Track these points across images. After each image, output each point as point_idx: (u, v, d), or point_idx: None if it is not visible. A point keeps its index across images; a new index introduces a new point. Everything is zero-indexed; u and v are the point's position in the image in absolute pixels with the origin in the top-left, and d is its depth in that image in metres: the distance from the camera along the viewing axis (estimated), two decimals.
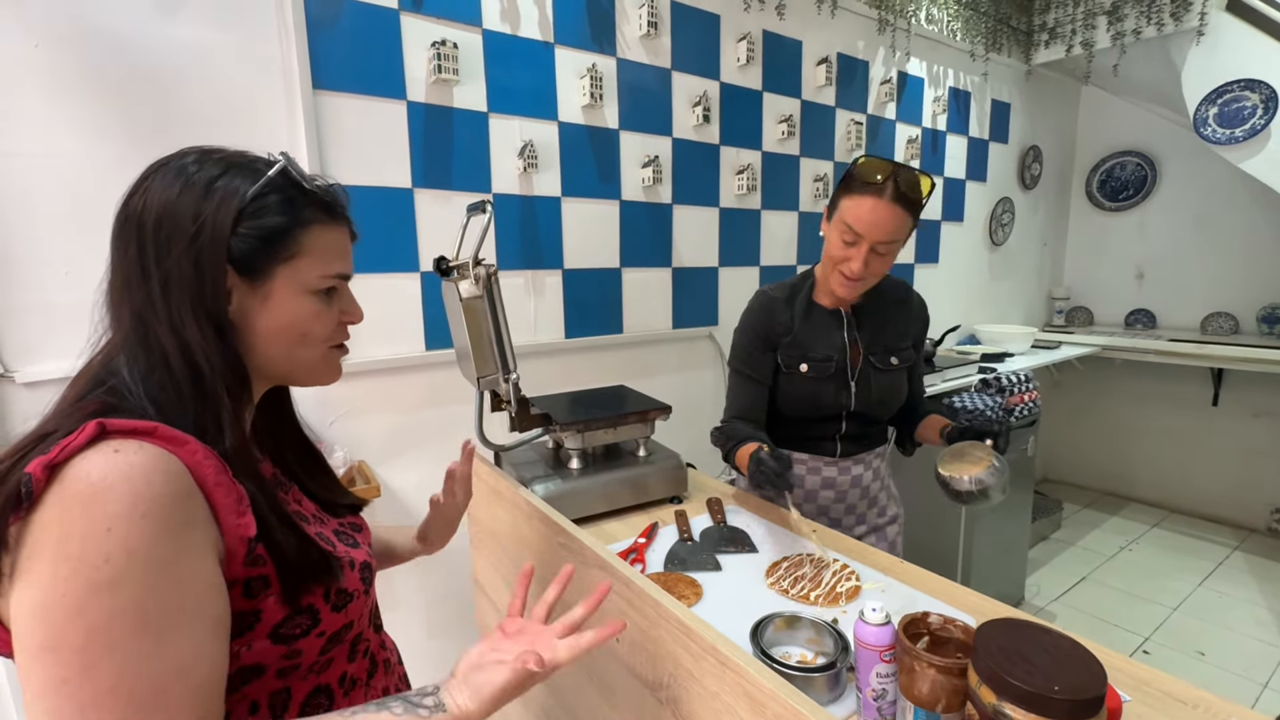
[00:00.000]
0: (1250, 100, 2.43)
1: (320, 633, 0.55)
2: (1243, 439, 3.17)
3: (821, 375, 1.23)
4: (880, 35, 2.40)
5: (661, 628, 0.73)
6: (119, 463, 0.42)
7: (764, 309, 1.26)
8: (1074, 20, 2.89)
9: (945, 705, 0.58)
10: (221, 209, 0.52)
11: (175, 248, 0.51)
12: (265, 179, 0.54)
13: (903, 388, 1.29)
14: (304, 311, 0.58)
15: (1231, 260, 3.14)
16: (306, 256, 0.57)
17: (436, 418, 1.58)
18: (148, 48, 1.17)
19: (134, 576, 0.42)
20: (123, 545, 0.41)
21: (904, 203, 1.06)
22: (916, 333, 1.31)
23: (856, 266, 1.09)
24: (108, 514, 0.41)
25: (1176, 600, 2.58)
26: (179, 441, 0.46)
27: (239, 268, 0.54)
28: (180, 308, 0.51)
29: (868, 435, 1.30)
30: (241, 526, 0.48)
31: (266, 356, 0.57)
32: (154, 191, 0.52)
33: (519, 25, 1.58)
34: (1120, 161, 3.46)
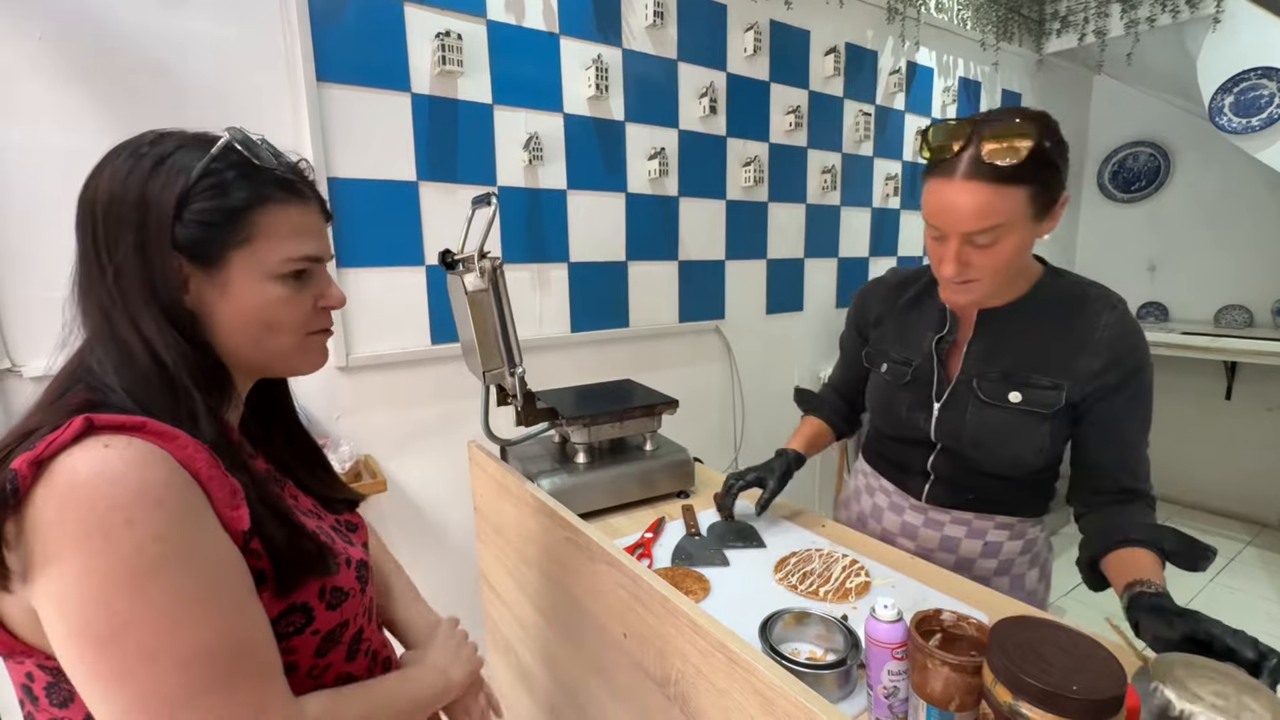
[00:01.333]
0: (1268, 88, 2.38)
1: (315, 631, 0.54)
2: (1256, 433, 3.13)
3: (897, 381, 1.00)
4: (889, 24, 2.36)
5: (669, 624, 0.72)
6: (112, 457, 0.42)
7: (867, 291, 1.12)
8: (1086, 8, 2.84)
9: (959, 704, 0.57)
10: (165, 191, 0.49)
11: (124, 237, 0.49)
12: (209, 156, 0.51)
13: (1023, 439, 0.90)
14: (268, 299, 0.53)
15: (1246, 252, 3.09)
16: (263, 239, 0.52)
17: (442, 412, 1.57)
18: (151, 41, 1.16)
19: (171, 557, 0.42)
20: (149, 533, 0.42)
21: (990, 174, 0.75)
22: (1093, 373, 0.86)
23: (949, 269, 0.82)
24: (120, 506, 0.41)
25: (1188, 596, 2.56)
26: (169, 436, 0.45)
27: (190, 254, 0.50)
28: (134, 300, 0.49)
29: (971, 486, 0.98)
30: (237, 519, 0.48)
31: (235, 348, 0.54)
32: (106, 177, 0.50)
33: (523, 16, 1.56)
34: (1133, 152, 3.41)
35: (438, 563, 1.62)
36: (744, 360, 2.17)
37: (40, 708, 0.48)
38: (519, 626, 1.22)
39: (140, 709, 0.41)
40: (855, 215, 2.42)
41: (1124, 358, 0.85)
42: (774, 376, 2.30)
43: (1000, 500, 0.98)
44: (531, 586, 1.13)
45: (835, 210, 2.35)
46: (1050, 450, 0.92)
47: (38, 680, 0.48)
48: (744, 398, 2.21)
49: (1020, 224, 0.78)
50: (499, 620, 1.35)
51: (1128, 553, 0.82)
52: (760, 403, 2.25)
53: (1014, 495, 0.98)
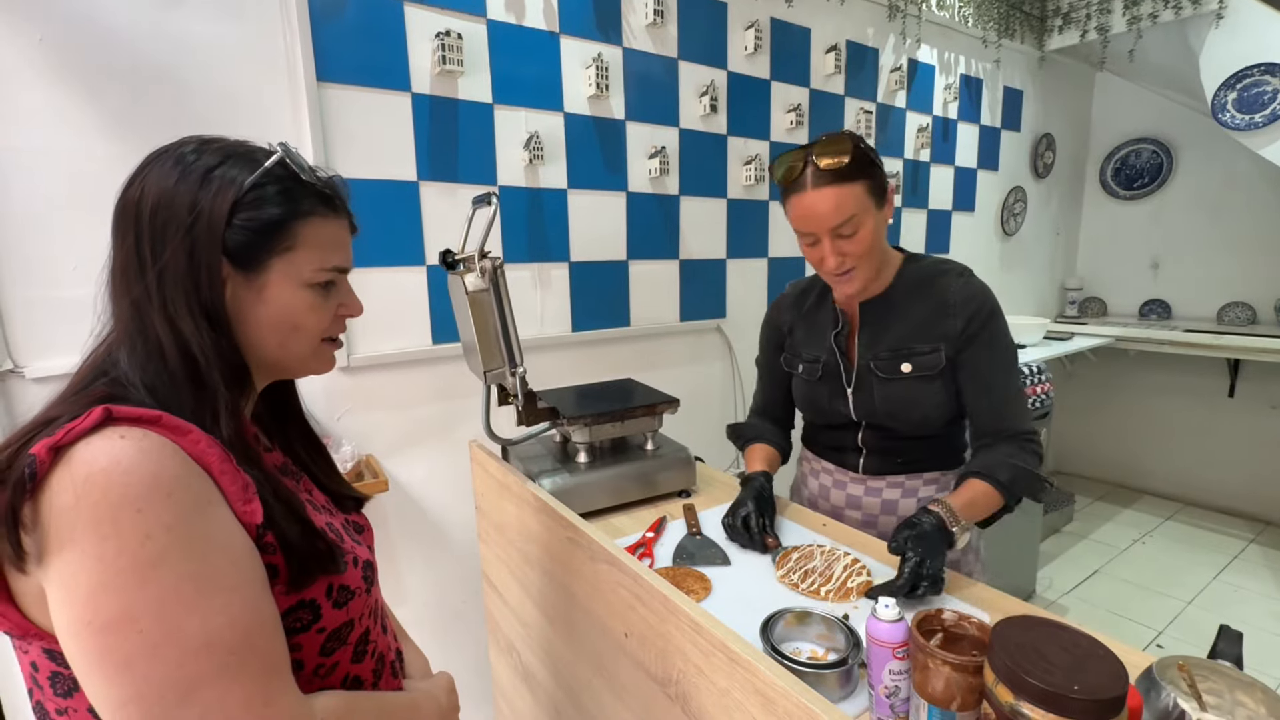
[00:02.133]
0: (1271, 85, 2.37)
1: (320, 628, 0.55)
2: (1260, 431, 3.12)
3: (812, 378, 1.16)
4: (890, 22, 2.36)
5: (670, 623, 0.72)
6: (128, 448, 0.43)
7: (775, 307, 1.27)
8: (1089, 5, 2.83)
9: (960, 703, 0.57)
10: (218, 199, 0.52)
11: (171, 238, 0.51)
12: (263, 169, 0.54)
13: (926, 400, 1.05)
14: (298, 305, 0.57)
15: (1249, 249, 3.08)
16: (303, 249, 0.56)
17: (443, 412, 1.57)
18: (151, 42, 1.16)
19: (179, 548, 0.43)
20: (158, 522, 0.42)
21: (831, 178, 0.94)
22: (958, 331, 1.02)
23: (831, 262, 0.99)
24: (132, 496, 0.42)
25: (1191, 594, 2.55)
26: (182, 431, 0.46)
27: (234, 259, 0.53)
28: (175, 299, 0.51)
29: (900, 452, 1.12)
30: (249, 514, 0.48)
31: (260, 347, 0.57)
32: (151, 180, 0.52)
33: (524, 15, 1.56)
34: (1135, 149, 3.40)
35: (440, 562, 1.62)
36: (746, 359, 2.17)
37: (46, 696, 0.49)
38: (521, 626, 1.23)
39: (139, 698, 0.41)
40: None
41: (975, 312, 1.02)
42: None
43: (923, 459, 1.12)
44: (533, 586, 1.13)
45: None
46: (948, 405, 1.07)
47: (41, 670, 0.48)
48: (745, 397, 2.20)
49: (867, 212, 0.97)
50: (501, 620, 1.35)
51: (965, 484, 0.99)
52: None
53: (933, 453, 1.13)
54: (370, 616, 0.62)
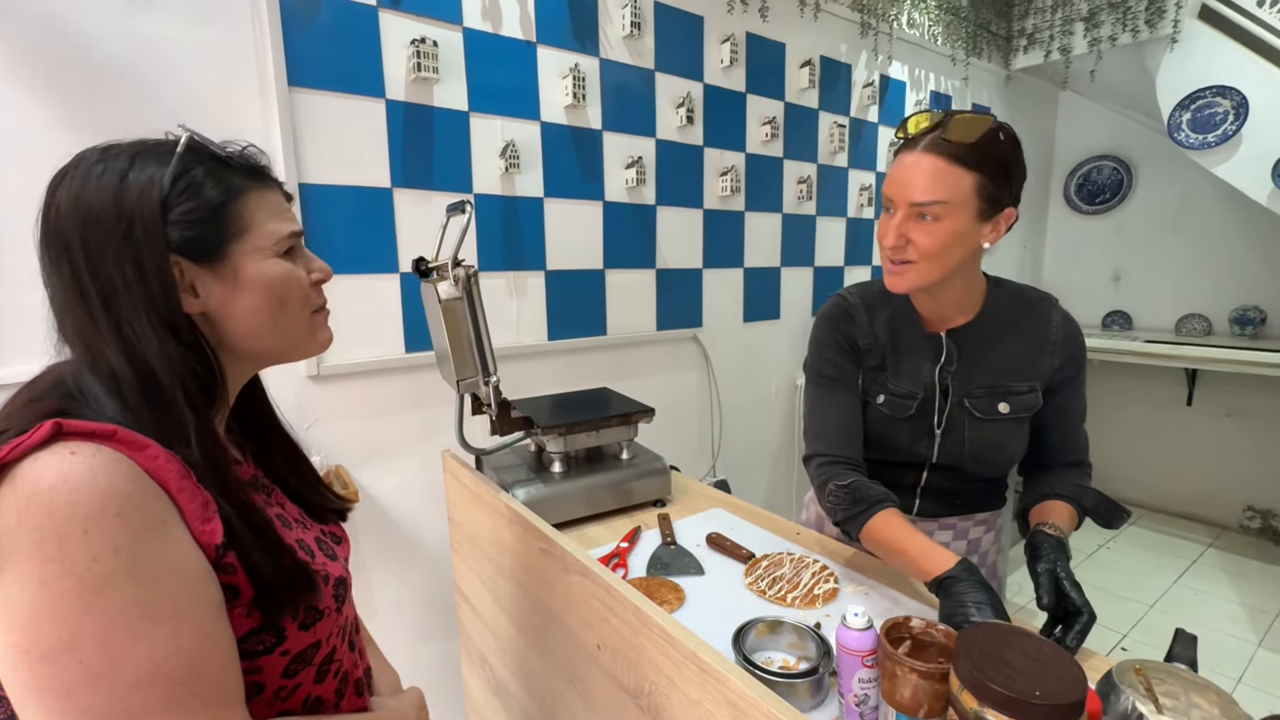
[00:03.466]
0: (1222, 106, 2.48)
1: (284, 651, 0.52)
2: (1216, 438, 3.23)
3: (899, 415, 0.97)
4: (863, 38, 2.41)
5: (643, 635, 0.72)
6: (77, 464, 0.41)
7: (840, 318, 1.02)
8: (1052, 26, 2.93)
9: (927, 711, 0.58)
10: (143, 199, 0.49)
11: (109, 253, 0.48)
12: (177, 158, 0.51)
13: (1013, 444, 0.96)
14: (277, 276, 0.55)
15: (1205, 263, 3.20)
16: (255, 227, 0.54)
17: (416, 421, 1.55)
18: (117, 42, 1.13)
19: (127, 571, 0.41)
20: (106, 544, 0.40)
21: (945, 150, 0.81)
22: (1054, 369, 0.94)
23: (890, 238, 0.86)
24: (78, 515, 0.40)
25: (1153, 597, 2.62)
26: (138, 446, 0.44)
27: (192, 255, 0.51)
28: (130, 317, 0.48)
29: (961, 493, 1.01)
30: (208, 533, 0.46)
31: (253, 337, 0.55)
32: (65, 203, 0.49)
33: (500, 24, 1.56)
34: (1097, 165, 3.52)
35: (411, 574, 1.59)
36: (721, 368, 2.19)
37: None
38: (493, 638, 1.21)
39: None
40: (830, 225, 2.46)
41: (1075, 352, 0.95)
42: (751, 384, 2.32)
43: (980, 499, 1.03)
44: (506, 598, 1.11)
45: (811, 220, 2.38)
46: (1026, 448, 0.99)
47: None
48: (721, 406, 2.22)
49: (963, 210, 0.83)
50: (473, 632, 1.33)
51: (1050, 504, 0.92)
52: (738, 410, 2.27)
53: (990, 493, 1.05)
54: (339, 635, 0.60)
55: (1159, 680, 0.57)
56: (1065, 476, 0.97)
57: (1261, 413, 3.07)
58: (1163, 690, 0.60)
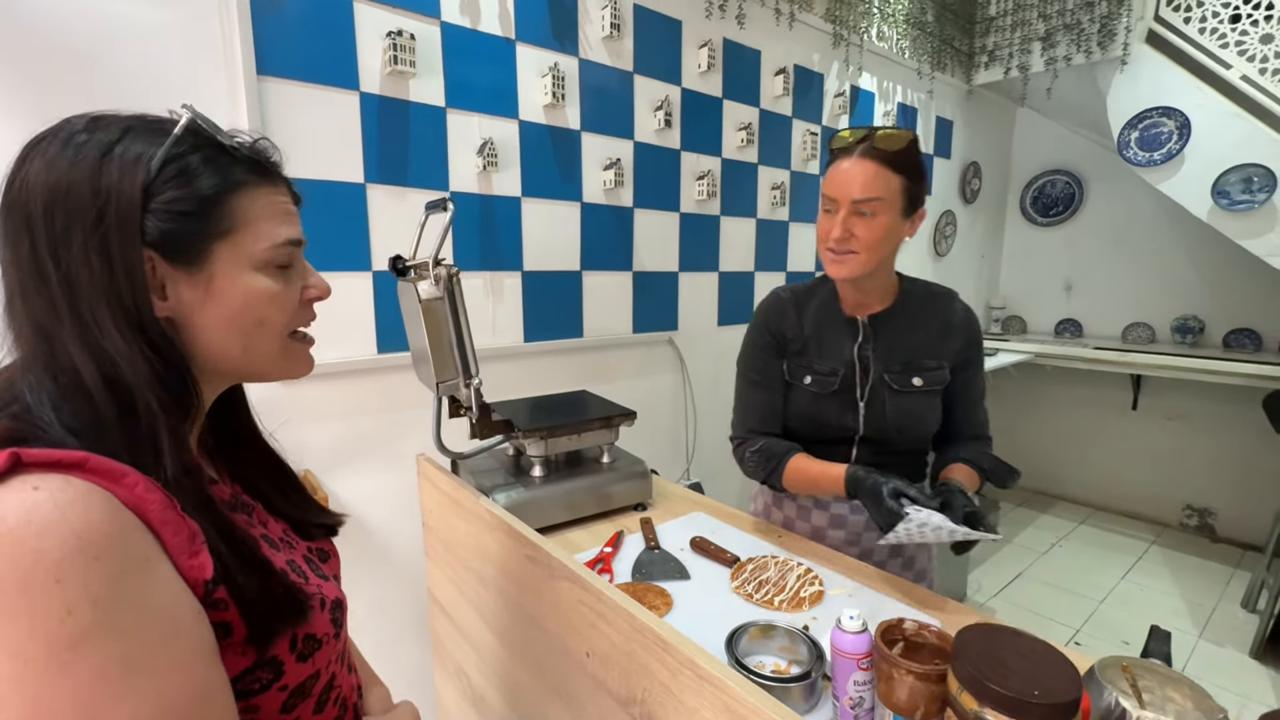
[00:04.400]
0: (1167, 126, 2.62)
1: (282, 686, 0.48)
2: (1158, 440, 3.41)
3: (824, 391, 1.10)
4: (835, 49, 2.46)
5: (636, 641, 0.71)
6: (42, 502, 0.35)
7: (772, 311, 1.17)
8: (1011, 44, 3.05)
9: (924, 712, 0.59)
10: (125, 180, 0.43)
11: (75, 237, 0.42)
12: (173, 138, 0.45)
13: (928, 415, 1.09)
14: (256, 293, 0.49)
15: (1149, 274, 3.38)
16: (246, 228, 0.48)
17: (388, 423, 1.51)
18: (71, 22, 1.07)
19: (107, 623, 0.36)
20: (83, 593, 0.35)
21: (877, 156, 0.96)
22: (957, 350, 1.09)
23: (836, 231, 0.99)
24: (48, 563, 0.34)
25: (1102, 594, 2.74)
26: (114, 475, 0.39)
27: (167, 252, 0.45)
28: (93, 311, 0.42)
29: (885, 466, 1.08)
30: (197, 568, 0.42)
31: (220, 354, 0.49)
32: (37, 172, 0.42)
33: (479, 19, 1.53)
34: (1051, 179, 3.68)
35: (382, 582, 1.54)
36: (696, 371, 2.19)
37: None
38: (471, 648, 1.18)
39: None
40: (803, 231, 2.49)
41: (974, 336, 1.11)
42: (725, 387, 2.32)
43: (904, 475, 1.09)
44: (486, 606, 1.09)
45: (784, 225, 2.41)
46: (940, 421, 1.13)
47: None
48: (696, 409, 2.22)
49: (893, 207, 0.99)
50: (449, 642, 1.30)
51: (953, 466, 1.09)
52: (712, 413, 2.27)
53: (913, 468, 1.17)
54: (338, 661, 0.56)
55: (1140, 676, 0.59)
56: (968, 447, 1.13)
57: (1199, 416, 3.25)
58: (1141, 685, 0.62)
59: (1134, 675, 0.58)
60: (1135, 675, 0.58)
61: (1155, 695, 0.64)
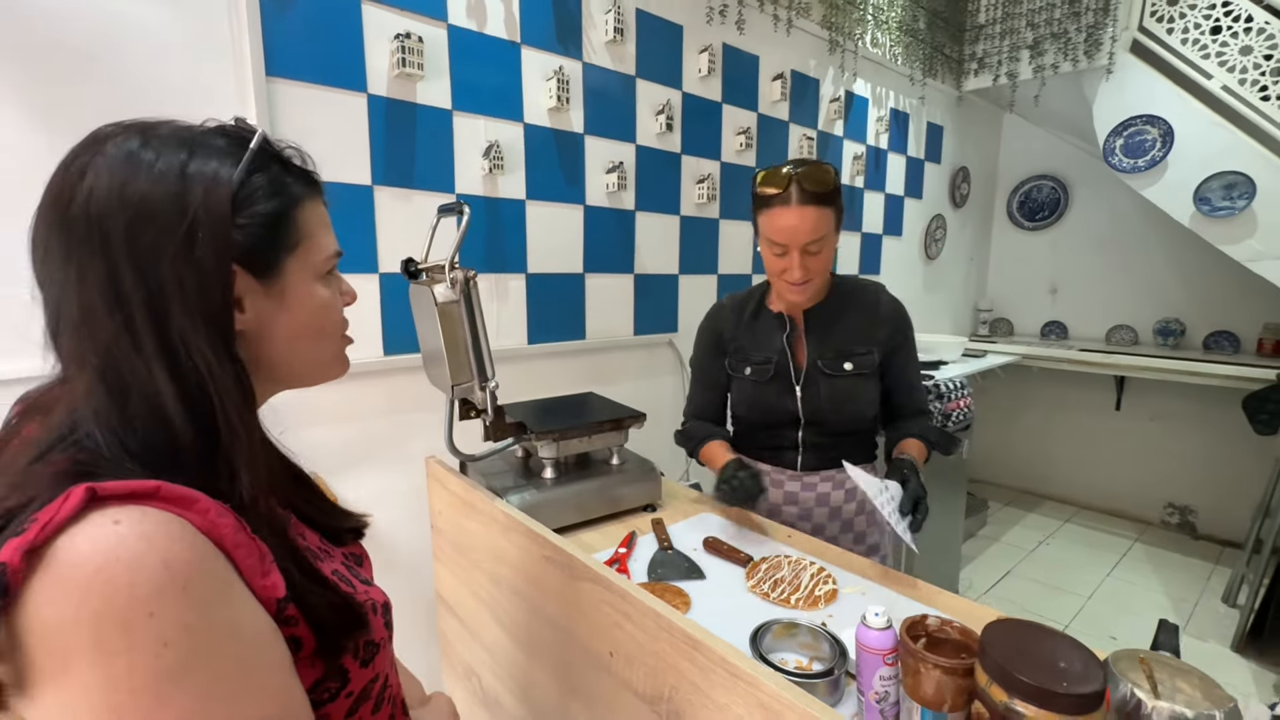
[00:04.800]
0: (1151, 134, 2.68)
1: (349, 693, 0.50)
2: (1140, 440, 3.49)
3: (763, 379, 1.24)
4: (831, 55, 2.49)
5: (663, 640, 0.72)
6: (127, 537, 0.35)
7: (714, 316, 1.35)
8: (1000, 52, 3.11)
9: (951, 705, 0.61)
10: (211, 199, 0.43)
11: (165, 253, 0.41)
12: (250, 153, 0.46)
13: (862, 396, 1.22)
14: (319, 303, 0.52)
15: (1132, 277, 3.46)
16: (309, 239, 0.51)
17: (395, 426, 1.50)
18: (76, 20, 1.05)
19: (203, 652, 0.36)
20: (177, 624, 0.35)
21: (813, 200, 1.07)
22: (885, 337, 1.22)
23: (796, 273, 1.11)
24: (141, 597, 0.34)
25: (1089, 590, 2.80)
26: (186, 502, 0.39)
27: (249, 266, 0.46)
28: (182, 328, 0.42)
29: (834, 447, 1.24)
30: (270, 587, 0.42)
31: (285, 363, 0.51)
32: (106, 188, 0.41)
33: (485, 22, 1.53)
34: (1037, 184, 3.75)
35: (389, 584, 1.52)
36: None
37: None
38: (483, 649, 1.18)
39: None
40: None
41: (900, 323, 1.24)
42: None
43: (851, 453, 1.25)
44: (500, 607, 1.09)
45: None
46: (875, 402, 1.25)
47: None
48: None
49: (833, 234, 1.12)
50: (458, 644, 1.30)
51: (904, 442, 1.22)
52: None
53: (860, 447, 1.29)
54: (388, 662, 0.57)
55: (1156, 668, 0.61)
56: (916, 422, 1.26)
57: (1181, 417, 3.33)
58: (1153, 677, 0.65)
59: (1150, 666, 0.60)
60: (1152, 666, 0.60)
61: (1165, 686, 0.67)
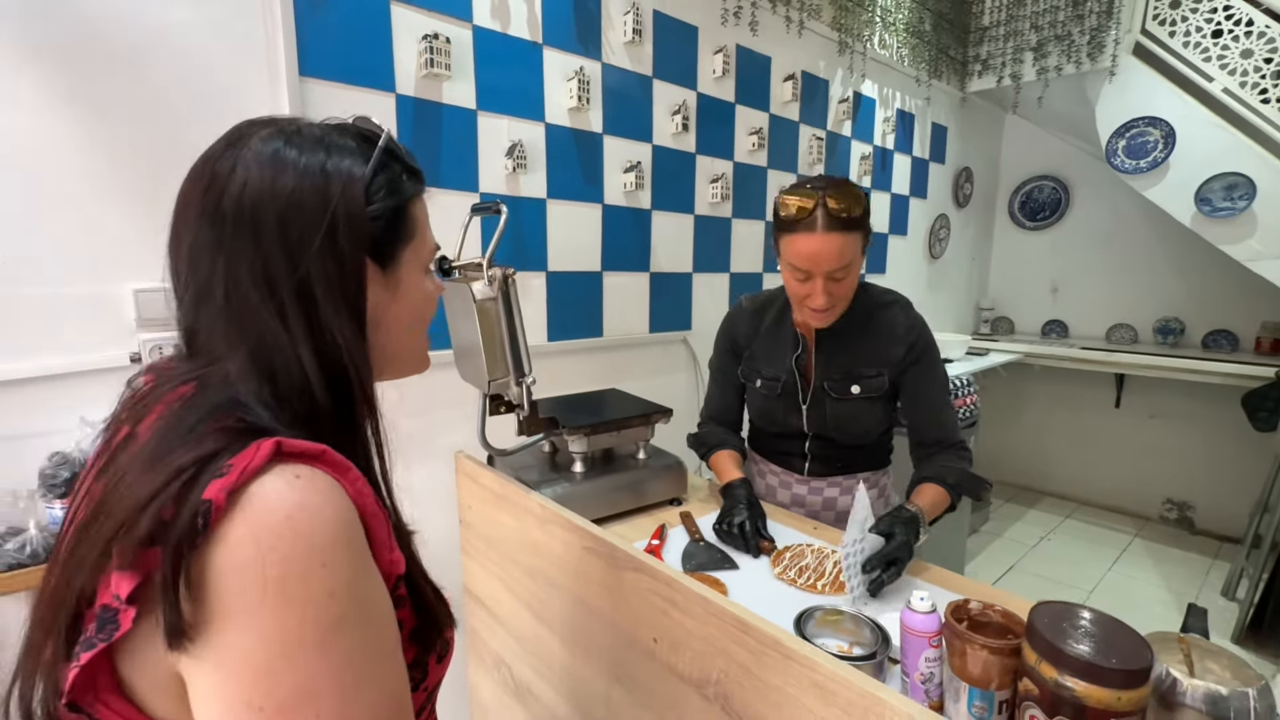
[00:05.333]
0: (1153, 136, 2.73)
1: (425, 688, 0.51)
2: (1140, 437, 3.54)
3: (771, 394, 1.24)
4: (840, 56, 2.52)
5: (712, 625, 0.75)
6: (309, 490, 0.38)
7: (732, 319, 1.34)
8: (1004, 54, 3.15)
9: (998, 683, 0.63)
10: (348, 194, 0.46)
11: (311, 244, 0.44)
12: (378, 150, 0.49)
13: (865, 418, 1.20)
14: (425, 294, 0.55)
15: (1132, 277, 3.51)
16: (419, 233, 0.53)
17: (423, 421, 1.52)
18: (116, 21, 1.07)
19: (356, 608, 0.39)
20: (342, 577, 0.38)
21: (840, 226, 1.02)
22: (897, 358, 1.16)
23: (820, 300, 1.07)
24: (317, 547, 0.37)
25: (1091, 584, 2.85)
26: (343, 468, 0.41)
27: (376, 256, 0.49)
28: (328, 312, 0.45)
29: (841, 458, 1.25)
30: (394, 563, 0.44)
31: (392, 350, 0.53)
32: (258, 184, 0.44)
33: (509, 23, 1.55)
34: (1038, 185, 3.80)
35: None
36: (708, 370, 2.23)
37: None
38: (514, 641, 1.20)
39: None
40: None
41: (918, 342, 1.16)
42: None
43: (859, 462, 1.26)
44: (535, 597, 1.11)
45: None
46: (885, 420, 1.23)
47: None
48: None
49: (859, 258, 1.08)
50: (487, 635, 1.32)
51: (921, 486, 1.12)
52: None
53: (868, 457, 1.28)
54: None
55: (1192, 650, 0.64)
56: (936, 460, 1.16)
57: (1180, 414, 3.38)
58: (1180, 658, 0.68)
59: (1189, 646, 0.63)
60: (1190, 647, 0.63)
61: (1198, 666, 0.70)
